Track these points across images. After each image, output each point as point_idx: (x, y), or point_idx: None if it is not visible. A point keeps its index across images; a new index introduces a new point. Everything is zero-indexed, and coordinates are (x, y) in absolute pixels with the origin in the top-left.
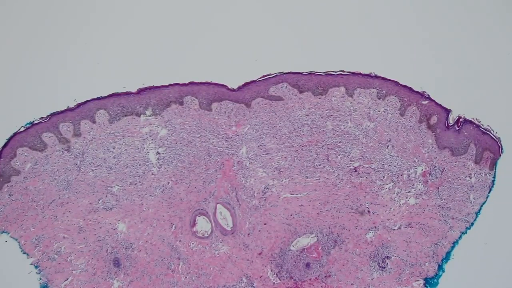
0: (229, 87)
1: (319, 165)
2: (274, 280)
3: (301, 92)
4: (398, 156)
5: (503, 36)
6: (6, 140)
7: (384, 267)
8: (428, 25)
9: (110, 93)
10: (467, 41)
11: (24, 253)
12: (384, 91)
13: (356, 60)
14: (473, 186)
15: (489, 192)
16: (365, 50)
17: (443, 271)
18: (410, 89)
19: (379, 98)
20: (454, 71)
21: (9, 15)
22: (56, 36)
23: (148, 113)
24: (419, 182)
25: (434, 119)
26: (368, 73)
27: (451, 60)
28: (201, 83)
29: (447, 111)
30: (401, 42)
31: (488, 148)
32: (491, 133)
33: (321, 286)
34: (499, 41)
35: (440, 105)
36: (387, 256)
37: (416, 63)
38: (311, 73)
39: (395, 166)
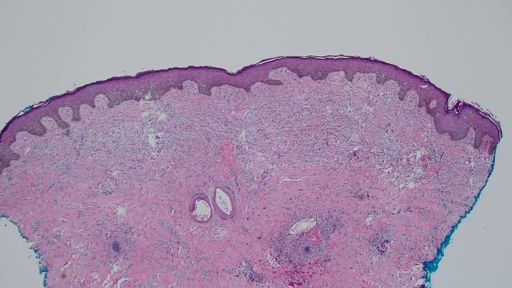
0: (229, 72)
1: (319, 149)
2: (273, 264)
3: (300, 76)
4: (397, 140)
5: (503, 19)
6: (6, 124)
7: (383, 251)
8: (427, 9)
9: (109, 77)
10: (466, 25)
11: (24, 237)
12: (383, 75)
13: (355, 44)
14: (472, 170)
15: (488, 176)
16: (364, 34)
17: (442, 255)
18: (409, 73)
19: (379, 82)
20: (453, 55)
21: (5, 1)
22: (55, 21)
23: (147, 97)
24: (419, 166)
25: (433, 103)
26: (367, 57)
27: (450, 44)
28: (200, 67)
29: (447, 95)
30: (401, 26)
31: (487, 132)
32: (490, 117)
33: (321, 270)
34: (499, 24)
35: (439, 89)
36: (386, 240)
37: (415, 47)
38: (310, 58)
39: (394, 150)
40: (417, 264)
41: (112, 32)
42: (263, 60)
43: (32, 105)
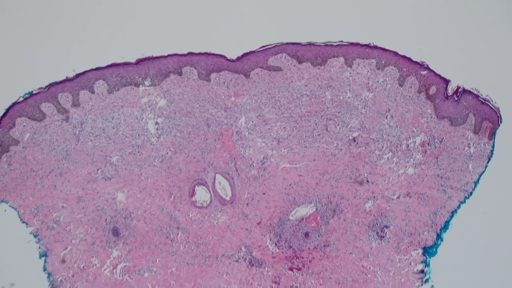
0: (228, 58)
1: (318, 135)
2: (273, 249)
3: (300, 62)
4: (397, 126)
5: (503, 6)
6: (5, 110)
7: (383, 237)
8: None
9: (109, 63)
10: (466, 11)
11: (23, 222)
12: (383, 62)
13: (355, 30)
14: (471, 155)
15: (487, 162)
16: (364, 21)
17: (442, 240)
18: (409, 59)
19: (378, 69)
20: (453, 41)
21: None
22: (55, 7)
23: (147, 83)
24: (418, 152)
25: (433, 89)
26: (367, 43)
27: (450, 30)
28: (200, 53)
29: (446, 81)
30: (401, 12)
31: (487, 118)
32: (490, 103)
33: (320, 255)
34: (499, 10)
35: (439, 75)
36: (386, 226)
37: (415, 33)
38: (310, 44)
39: (394, 136)
40: (416, 249)
41: (111, 18)
42: (262, 46)
43: (32, 91)
